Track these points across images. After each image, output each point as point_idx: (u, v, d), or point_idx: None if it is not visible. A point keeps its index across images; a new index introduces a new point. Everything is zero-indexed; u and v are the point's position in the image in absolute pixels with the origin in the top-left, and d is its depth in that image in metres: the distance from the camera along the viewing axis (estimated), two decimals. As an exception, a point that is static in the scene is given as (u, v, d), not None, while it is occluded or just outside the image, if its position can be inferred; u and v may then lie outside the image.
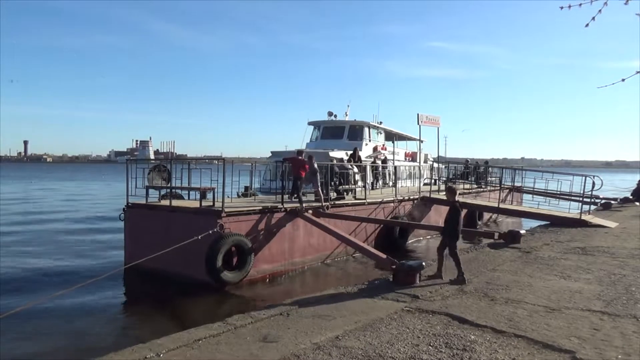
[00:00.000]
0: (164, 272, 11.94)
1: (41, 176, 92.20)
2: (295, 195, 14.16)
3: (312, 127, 25.15)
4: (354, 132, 23.73)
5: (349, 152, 20.47)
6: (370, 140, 23.98)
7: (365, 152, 22.49)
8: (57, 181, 75.85)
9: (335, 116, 24.62)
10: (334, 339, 5.38)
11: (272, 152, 21.82)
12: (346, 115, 25.39)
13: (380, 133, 25.81)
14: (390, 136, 27.39)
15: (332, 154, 19.87)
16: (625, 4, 3.89)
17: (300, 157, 14.52)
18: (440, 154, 24.30)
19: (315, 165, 14.83)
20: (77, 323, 9.53)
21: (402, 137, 28.35)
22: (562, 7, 4.06)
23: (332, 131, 24.06)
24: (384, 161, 22.52)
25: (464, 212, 21.97)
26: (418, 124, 19.13)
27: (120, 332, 9.61)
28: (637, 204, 25.03)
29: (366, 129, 23.91)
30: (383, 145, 25.40)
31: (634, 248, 11.26)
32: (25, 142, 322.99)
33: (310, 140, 24.77)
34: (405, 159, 27.88)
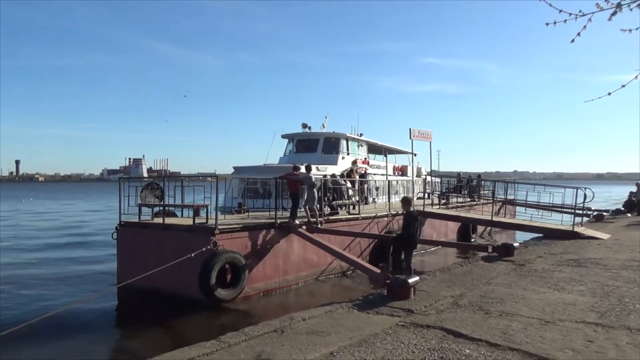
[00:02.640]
0: (157, 291, 11.84)
1: (32, 195, 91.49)
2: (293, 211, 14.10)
3: (285, 141, 24.03)
4: (329, 144, 22.56)
5: (320, 167, 19.57)
6: (348, 154, 22.95)
7: (341, 166, 21.58)
8: (49, 201, 75.31)
9: (310, 128, 23.44)
10: (328, 355, 5.34)
11: (234, 167, 20.42)
12: (323, 127, 24.31)
13: (362, 146, 24.76)
14: (377, 149, 26.59)
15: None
16: (609, 19, 3.97)
17: (296, 173, 14.52)
18: (433, 168, 24.30)
19: (313, 179, 14.42)
20: (68, 343, 9.43)
21: (391, 151, 27.57)
22: (547, 24, 4.15)
23: (306, 144, 22.90)
24: (363, 175, 21.46)
25: (458, 225, 22.34)
26: (410, 138, 19.26)
27: (113, 351, 9.51)
28: (629, 215, 25.18)
29: (343, 142, 22.82)
30: (365, 158, 24.46)
31: (627, 259, 11.30)
32: (17, 162, 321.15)
33: (284, 154, 23.64)
34: (395, 172, 27.07)
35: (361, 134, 25.13)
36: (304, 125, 23.39)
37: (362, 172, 21.79)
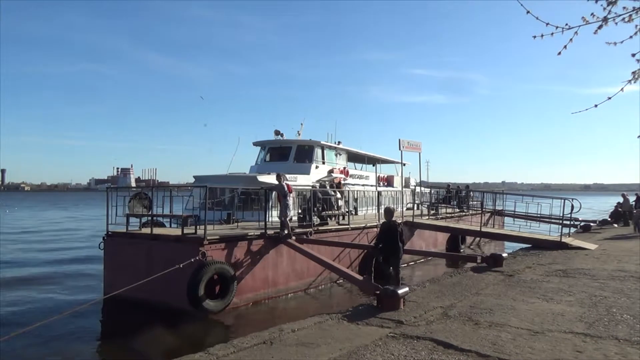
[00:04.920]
0: (144, 302, 11.68)
1: (18, 205, 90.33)
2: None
3: (256, 149, 22.90)
4: (302, 153, 21.36)
5: (292, 176, 18.35)
6: (324, 162, 21.85)
7: (315, 175, 20.52)
8: (35, 211, 74.40)
9: (282, 135, 22.28)
10: (318, 367, 5.30)
11: (195, 176, 19.22)
12: (298, 134, 23.24)
13: (340, 154, 23.58)
14: (359, 158, 25.96)
15: (261, 178, 17.54)
16: (595, 33, 4.03)
17: (286, 183, 14.46)
18: (422, 178, 24.22)
19: (286, 188, 13.88)
20: (54, 356, 9.25)
21: (376, 160, 27.01)
22: (535, 37, 4.22)
23: (279, 152, 21.86)
24: (339, 185, 20.17)
25: (447, 236, 22.41)
26: (400, 149, 19.33)
27: (99, 365, 9.35)
28: (616, 225, 25.47)
29: (318, 150, 21.67)
30: (344, 168, 23.43)
31: (614, 269, 11.40)
32: (3, 171, 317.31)
33: (255, 163, 22.52)
34: (380, 183, 26.24)
35: (339, 142, 24.18)
36: (277, 132, 22.25)
37: (338, 182, 20.86)
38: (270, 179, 16.96)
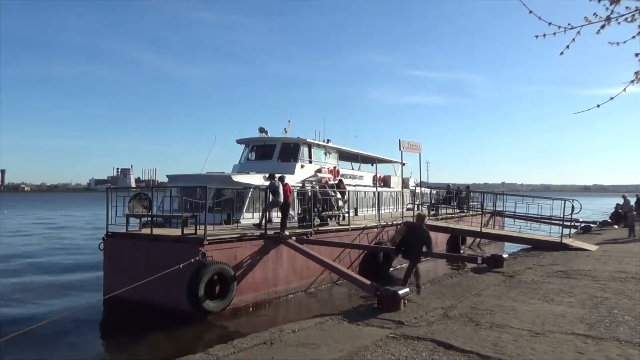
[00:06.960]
0: (144, 303, 11.65)
1: (18, 206, 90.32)
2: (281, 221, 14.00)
3: (238, 148, 21.82)
4: (286, 151, 20.17)
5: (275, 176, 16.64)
6: (311, 162, 20.77)
7: (300, 175, 19.52)
8: (34, 210, 74.38)
9: (267, 133, 21.17)
10: (318, 368, 5.28)
11: (168, 176, 18.27)
12: (285, 132, 22.21)
13: (329, 153, 22.52)
14: (353, 158, 25.34)
15: (237, 178, 16.65)
16: (598, 33, 4.01)
17: (286, 183, 14.43)
18: (422, 179, 24.08)
19: (276, 185, 13.53)
20: (54, 357, 9.22)
21: (371, 160, 26.38)
22: (537, 36, 4.20)
23: (262, 150, 20.79)
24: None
25: (447, 236, 22.38)
26: (400, 149, 19.24)
27: (98, 365, 9.32)
28: (616, 227, 25.45)
29: (304, 148, 20.46)
30: (334, 167, 22.26)
31: (615, 271, 11.38)
32: (2, 172, 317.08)
33: (239, 161, 21.37)
34: (378, 183, 25.04)
35: (328, 140, 23.09)
36: (261, 130, 21.13)
37: (325, 182, 19.95)
38: (248, 178, 16.61)
